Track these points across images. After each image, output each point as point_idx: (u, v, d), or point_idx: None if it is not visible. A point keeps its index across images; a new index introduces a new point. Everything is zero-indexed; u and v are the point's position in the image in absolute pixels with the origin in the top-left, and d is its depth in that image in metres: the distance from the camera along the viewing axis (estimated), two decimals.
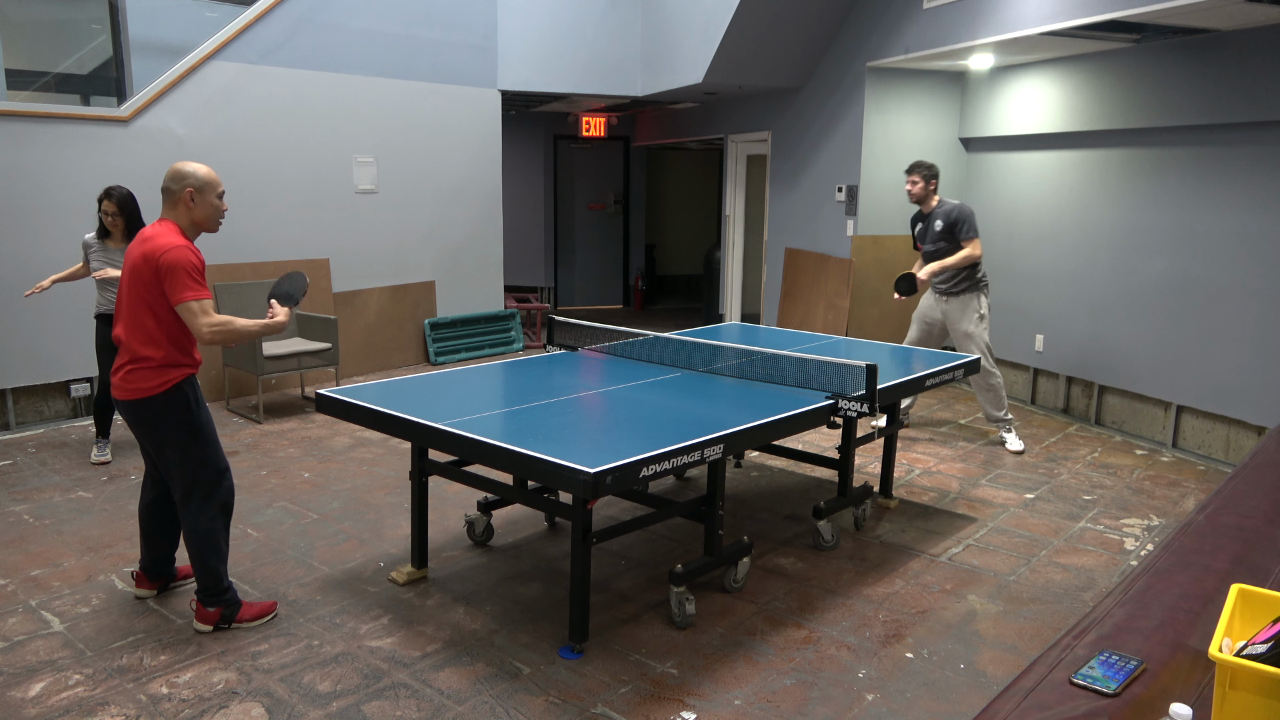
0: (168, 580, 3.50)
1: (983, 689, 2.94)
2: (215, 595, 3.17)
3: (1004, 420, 5.54)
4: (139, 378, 3.03)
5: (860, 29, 6.92)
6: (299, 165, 6.83)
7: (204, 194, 3.10)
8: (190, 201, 3.09)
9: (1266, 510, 2.17)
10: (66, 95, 7.27)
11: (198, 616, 3.18)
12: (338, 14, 6.85)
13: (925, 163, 5.48)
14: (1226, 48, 5.08)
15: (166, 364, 3.03)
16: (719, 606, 3.46)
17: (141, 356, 3.02)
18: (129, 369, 3.04)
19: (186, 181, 3.08)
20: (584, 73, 8.15)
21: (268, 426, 5.89)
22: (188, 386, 3.10)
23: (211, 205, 3.13)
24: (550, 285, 11.15)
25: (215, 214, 3.16)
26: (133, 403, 3.05)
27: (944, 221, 5.41)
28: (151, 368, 3.02)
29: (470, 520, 4.01)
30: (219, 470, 3.19)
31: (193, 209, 3.10)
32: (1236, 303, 5.19)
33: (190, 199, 3.08)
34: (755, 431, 3.19)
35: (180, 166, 3.11)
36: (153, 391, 3.02)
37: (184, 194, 3.08)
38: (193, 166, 3.11)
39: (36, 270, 5.62)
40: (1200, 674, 1.49)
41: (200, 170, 3.11)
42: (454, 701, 2.81)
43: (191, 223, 3.11)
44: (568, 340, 4.65)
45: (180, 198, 3.08)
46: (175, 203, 3.09)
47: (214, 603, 3.17)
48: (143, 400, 3.04)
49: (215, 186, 3.13)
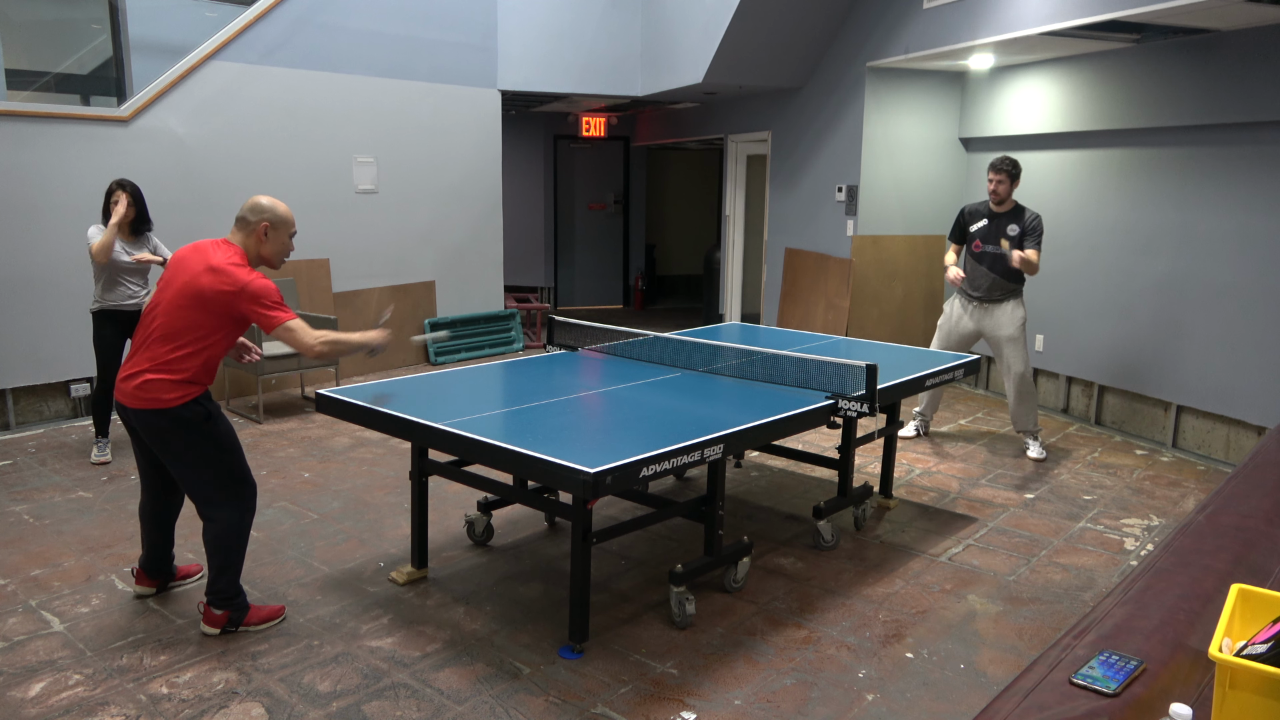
0: (167, 579, 3.50)
1: (983, 689, 2.94)
2: (226, 599, 3.15)
3: (1037, 430, 5.42)
4: (158, 388, 2.98)
5: (860, 29, 6.92)
6: (299, 165, 6.83)
7: (278, 231, 3.14)
8: (264, 236, 3.11)
9: (1266, 510, 2.17)
10: (66, 95, 7.27)
11: (205, 619, 3.16)
12: (337, 14, 6.85)
13: (1010, 159, 5.15)
14: (1226, 48, 5.08)
15: (191, 380, 3.02)
16: (719, 606, 3.46)
17: (171, 369, 2.98)
18: (148, 378, 2.99)
19: (264, 215, 3.10)
20: (584, 73, 8.15)
21: (268, 426, 5.89)
22: (205, 400, 3.09)
23: (282, 244, 3.17)
24: (550, 285, 11.15)
25: (283, 252, 3.19)
26: (148, 412, 3.01)
27: (1020, 227, 5.11)
28: (175, 381, 2.99)
29: (470, 520, 4.01)
30: (239, 478, 3.15)
31: (264, 243, 3.12)
32: (1236, 303, 5.19)
33: (264, 234, 3.11)
34: (755, 431, 3.19)
35: (259, 200, 3.13)
36: (172, 403, 3.00)
37: (260, 227, 3.10)
38: (271, 202, 3.14)
39: (36, 270, 5.63)
40: (1200, 674, 1.49)
41: (280, 208, 3.14)
42: (454, 701, 2.81)
43: (259, 255, 3.14)
44: (568, 340, 4.65)
45: (255, 230, 3.10)
46: (250, 233, 3.11)
47: (223, 605, 3.15)
48: (159, 411, 3.00)
49: (290, 226, 3.17)
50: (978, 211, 5.32)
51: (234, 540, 3.14)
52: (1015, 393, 5.34)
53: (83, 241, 5.10)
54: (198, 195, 6.23)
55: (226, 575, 3.14)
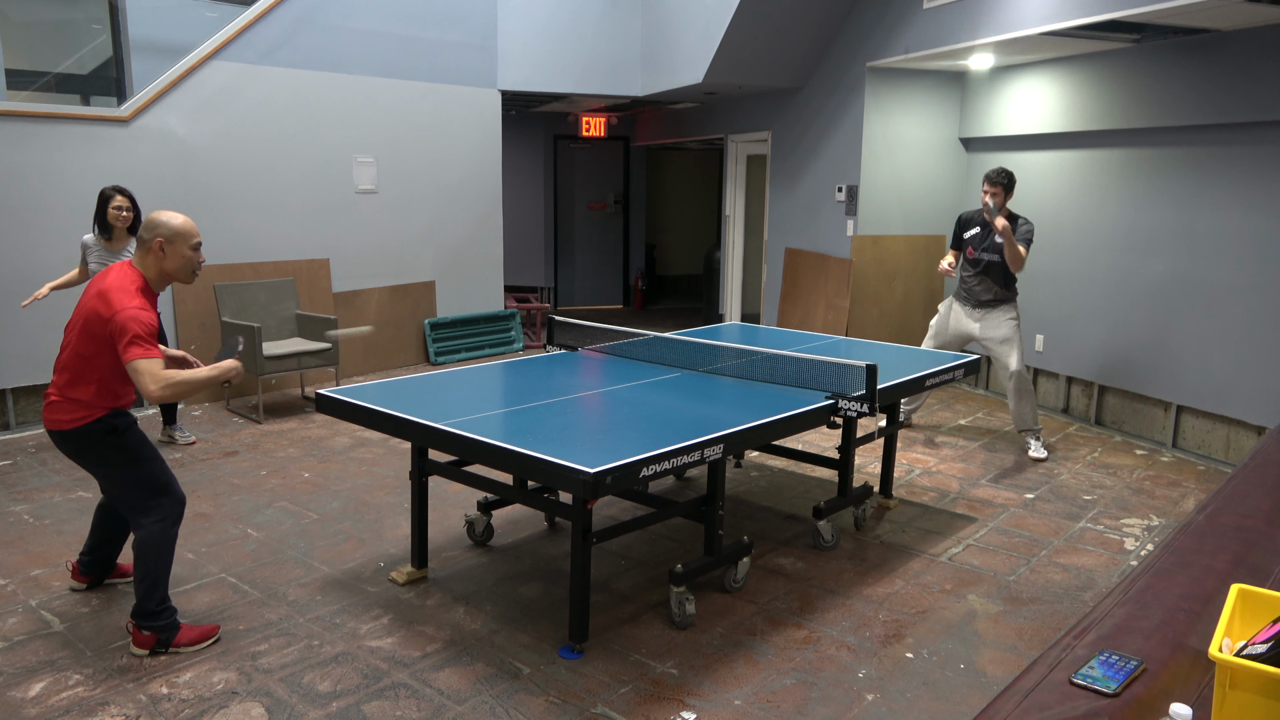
0: (103, 575, 3.54)
1: (983, 689, 2.94)
2: (151, 617, 3.04)
3: (1037, 429, 5.45)
4: (59, 409, 2.99)
5: (860, 29, 6.92)
6: (299, 165, 6.83)
7: (175, 245, 3.00)
8: (160, 252, 3.00)
9: (1266, 510, 2.17)
10: (66, 95, 7.28)
11: (134, 640, 3.07)
12: (338, 14, 6.85)
13: (1005, 170, 5.21)
14: (1226, 48, 5.08)
15: (89, 404, 2.99)
16: (719, 606, 3.46)
17: (69, 396, 2.98)
18: (52, 400, 3.01)
19: (158, 231, 2.98)
20: (584, 73, 8.15)
21: (268, 426, 5.89)
22: (112, 416, 3.04)
23: (183, 257, 3.02)
24: (550, 285, 11.15)
25: (188, 265, 3.05)
26: (55, 433, 3.03)
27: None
28: (74, 403, 2.98)
29: (470, 520, 4.01)
30: (159, 488, 3.09)
31: (163, 259, 3.01)
32: (1236, 303, 5.19)
33: (160, 249, 3.00)
34: (755, 431, 3.19)
35: (154, 216, 3.03)
36: (70, 425, 2.98)
37: (154, 244, 2.99)
38: (167, 216, 3.03)
39: (36, 270, 5.62)
40: (1200, 674, 1.49)
41: (174, 221, 3.01)
42: (454, 701, 2.81)
43: (161, 273, 3.02)
44: (568, 340, 4.65)
45: (152, 248, 3.00)
46: (147, 252, 3.00)
47: (150, 627, 3.05)
48: (61, 433, 3.01)
49: (189, 238, 3.02)
50: (973, 219, 5.43)
51: (155, 551, 3.04)
52: (1014, 391, 5.38)
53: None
54: (198, 195, 6.23)
55: (154, 595, 3.03)
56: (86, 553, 3.48)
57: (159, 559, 3.06)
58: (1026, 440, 5.48)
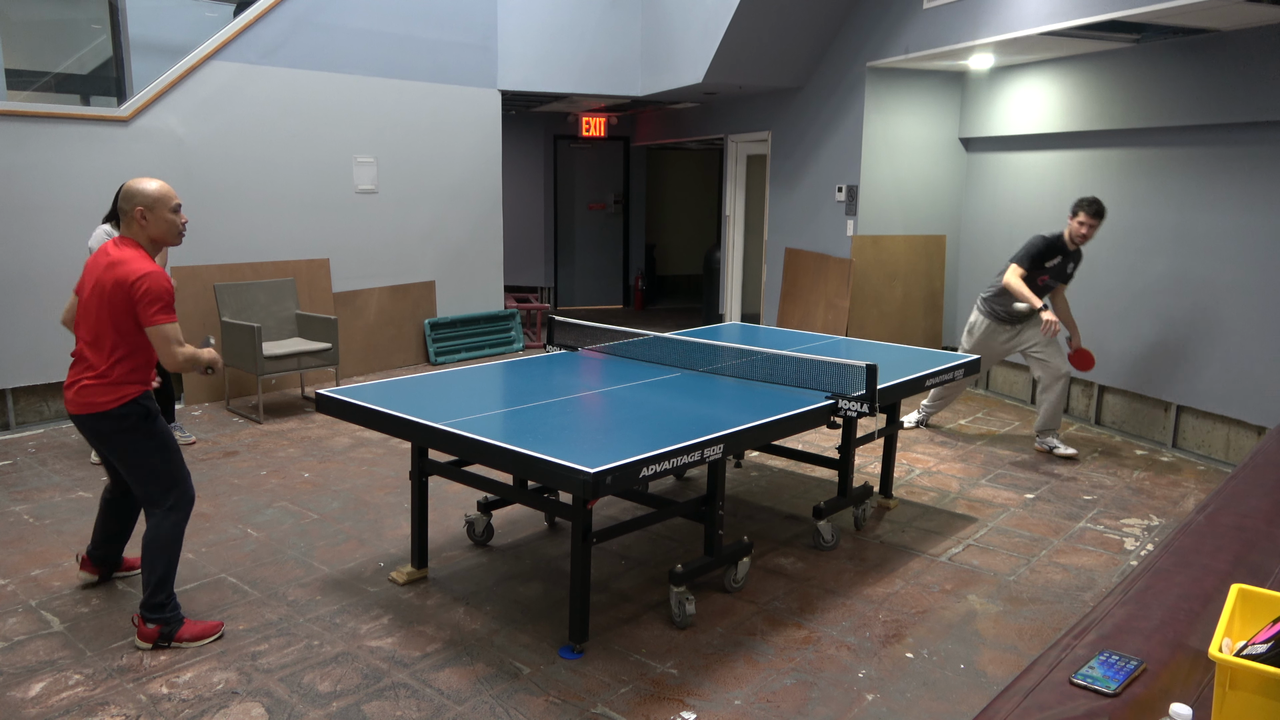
0: (112, 569, 3.56)
1: (983, 689, 2.94)
2: (157, 610, 3.10)
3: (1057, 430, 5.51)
4: (94, 393, 3.01)
5: (860, 29, 6.92)
6: (299, 165, 6.83)
7: (156, 210, 3.05)
8: (143, 220, 3.05)
9: (1266, 510, 2.17)
10: (66, 95, 7.27)
11: (139, 633, 3.11)
12: (337, 14, 6.85)
13: (1100, 202, 5.18)
14: (1226, 48, 5.08)
15: (123, 381, 3.03)
16: (719, 606, 3.46)
17: (102, 372, 3.01)
18: (85, 384, 3.03)
19: (135, 201, 3.04)
20: (584, 73, 8.15)
21: (268, 426, 5.89)
22: (144, 399, 3.09)
23: (166, 221, 3.08)
24: (550, 285, 11.15)
25: (172, 229, 3.10)
26: (88, 417, 3.04)
27: (1076, 264, 5.37)
28: (108, 384, 3.01)
29: (470, 520, 4.01)
30: (177, 480, 3.15)
31: (147, 226, 3.06)
32: (1236, 303, 5.19)
33: (142, 217, 3.05)
34: (755, 431, 3.20)
35: (130, 185, 3.07)
36: (108, 406, 3.01)
37: (135, 214, 3.04)
38: (142, 184, 3.07)
39: (36, 270, 5.63)
40: (1200, 674, 1.49)
41: (150, 187, 3.06)
42: (454, 701, 2.81)
43: (149, 240, 3.08)
44: (568, 340, 4.65)
45: (133, 217, 3.05)
46: (129, 222, 3.06)
47: (154, 619, 3.09)
48: (98, 415, 3.03)
49: (168, 201, 3.07)
50: (1056, 247, 5.30)
51: (167, 544, 3.10)
52: (1058, 394, 5.41)
53: (82, 241, 5.11)
54: (198, 195, 6.23)
55: (163, 588, 3.09)
56: (96, 543, 3.50)
57: (169, 552, 3.11)
58: (1050, 440, 5.48)
